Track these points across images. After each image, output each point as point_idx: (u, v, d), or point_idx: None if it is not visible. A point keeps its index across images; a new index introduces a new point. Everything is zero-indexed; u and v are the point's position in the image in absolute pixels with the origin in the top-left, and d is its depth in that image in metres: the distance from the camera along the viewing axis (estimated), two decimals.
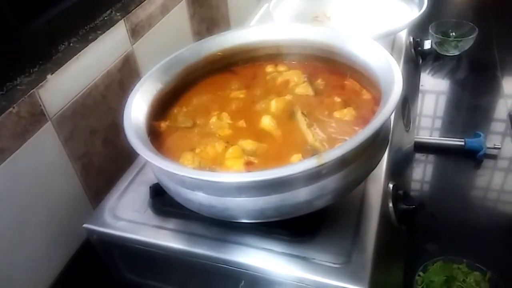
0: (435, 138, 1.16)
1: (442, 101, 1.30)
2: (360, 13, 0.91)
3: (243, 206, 0.46)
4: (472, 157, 1.07)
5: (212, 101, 0.61)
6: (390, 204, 0.60)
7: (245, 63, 0.67)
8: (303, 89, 0.60)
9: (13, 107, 0.56)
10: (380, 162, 0.52)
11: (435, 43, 1.41)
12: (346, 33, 0.60)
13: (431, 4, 0.86)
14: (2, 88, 0.57)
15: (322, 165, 0.41)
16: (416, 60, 1.02)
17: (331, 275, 0.48)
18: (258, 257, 0.52)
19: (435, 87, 1.35)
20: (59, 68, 0.63)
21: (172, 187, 0.51)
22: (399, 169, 0.74)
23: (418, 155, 1.09)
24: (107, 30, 0.72)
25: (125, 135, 0.49)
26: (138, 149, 0.46)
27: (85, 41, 0.69)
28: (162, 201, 0.58)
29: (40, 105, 0.60)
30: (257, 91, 0.62)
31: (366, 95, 0.57)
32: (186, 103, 0.62)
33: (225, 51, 0.65)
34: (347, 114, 0.54)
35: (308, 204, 0.46)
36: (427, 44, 1.01)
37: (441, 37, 1.41)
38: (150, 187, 0.60)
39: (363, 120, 0.53)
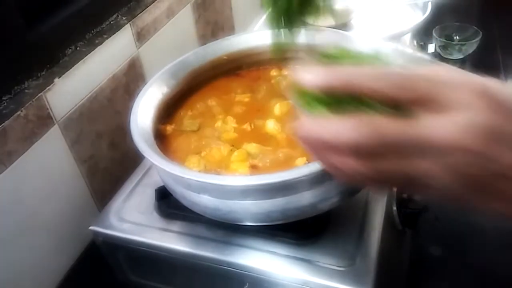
0: None
1: None
2: (365, 17, 0.92)
3: (248, 209, 0.47)
4: None
5: (217, 105, 0.62)
6: (394, 208, 0.60)
7: (250, 67, 0.67)
8: None
9: (21, 111, 0.57)
10: None
11: (438, 47, 1.41)
12: (350, 37, 0.60)
13: (434, 8, 0.87)
14: (10, 91, 0.58)
15: None
16: None
17: (335, 278, 0.48)
18: (262, 259, 0.52)
19: None
20: (66, 71, 0.64)
21: (178, 190, 0.51)
22: None
23: None
24: (113, 34, 0.73)
25: (131, 138, 0.49)
26: (145, 152, 0.47)
27: (92, 45, 0.69)
28: (168, 204, 0.59)
29: (47, 109, 0.61)
30: (262, 95, 0.62)
31: None
32: (192, 106, 0.62)
33: (230, 55, 0.66)
34: None
35: (312, 207, 0.47)
36: (431, 48, 1.02)
37: (445, 40, 1.41)
38: (155, 189, 0.60)
39: None
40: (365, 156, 0.25)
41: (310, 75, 0.27)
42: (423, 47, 1.00)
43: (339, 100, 0.27)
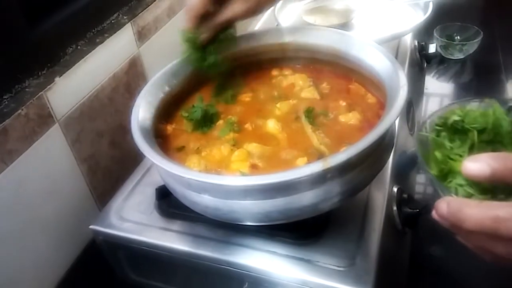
0: None
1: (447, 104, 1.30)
2: (365, 17, 0.92)
3: (249, 209, 0.47)
4: None
5: (218, 104, 0.62)
6: (395, 208, 0.60)
7: (250, 66, 0.67)
8: (309, 92, 0.60)
9: (22, 109, 0.57)
10: (385, 166, 0.52)
11: (440, 47, 1.41)
12: (351, 37, 0.60)
13: (436, 8, 0.86)
14: (11, 90, 0.58)
15: (327, 169, 0.41)
16: (421, 63, 1.02)
17: (335, 278, 0.48)
18: (262, 259, 0.52)
19: (439, 91, 1.34)
20: (67, 70, 0.64)
21: (178, 190, 0.51)
22: (404, 173, 0.74)
23: None
24: (114, 33, 0.73)
25: (132, 137, 0.49)
26: (145, 152, 0.47)
27: (93, 44, 0.69)
28: (168, 203, 0.59)
29: (48, 107, 0.61)
30: (263, 94, 0.62)
31: (371, 99, 0.58)
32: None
33: (231, 55, 0.65)
34: (352, 118, 0.54)
35: (313, 207, 0.46)
36: (432, 48, 1.02)
37: (446, 40, 1.41)
38: (156, 189, 0.60)
39: (368, 124, 0.53)
40: None
41: (478, 165, 0.25)
42: (424, 47, 0.99)
43: (495, 186, 0.26)
